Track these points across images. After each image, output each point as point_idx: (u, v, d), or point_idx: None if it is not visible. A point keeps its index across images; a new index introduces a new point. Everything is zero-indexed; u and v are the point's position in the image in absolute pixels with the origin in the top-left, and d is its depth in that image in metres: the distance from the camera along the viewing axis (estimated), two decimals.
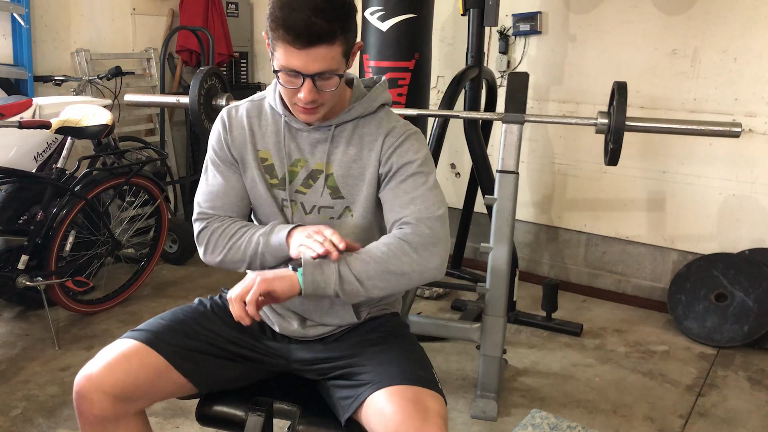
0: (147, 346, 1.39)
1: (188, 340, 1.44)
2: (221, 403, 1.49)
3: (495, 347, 2.42)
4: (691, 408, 2.54)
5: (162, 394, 1.43)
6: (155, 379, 1.38)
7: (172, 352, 1.41)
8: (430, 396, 1.31)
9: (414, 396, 1.28)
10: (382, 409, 1.27)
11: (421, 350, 1.49)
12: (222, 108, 2.31)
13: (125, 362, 1.36)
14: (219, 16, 4.29)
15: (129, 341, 1.40)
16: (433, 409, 1.28)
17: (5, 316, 3.12)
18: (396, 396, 1.28)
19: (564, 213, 3.70)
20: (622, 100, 2.12)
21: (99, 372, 1.34)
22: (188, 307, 1.54)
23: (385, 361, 1.39)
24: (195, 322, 1.49)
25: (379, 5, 2.83)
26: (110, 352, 1.38)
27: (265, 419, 1.42)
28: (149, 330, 1.43)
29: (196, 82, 2.34)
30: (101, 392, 1.33)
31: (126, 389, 1.34)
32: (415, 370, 1.36)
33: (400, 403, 1.26)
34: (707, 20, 3.14)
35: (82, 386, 1.34)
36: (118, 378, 1.34)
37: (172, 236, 3.82)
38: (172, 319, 1.49)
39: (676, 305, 3.22)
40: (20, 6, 3.40)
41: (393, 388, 1.30)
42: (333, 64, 1.31)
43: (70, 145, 3.00)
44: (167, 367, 1.39)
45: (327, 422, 1.43)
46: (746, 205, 3.18)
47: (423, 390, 1.31)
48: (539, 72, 3.62)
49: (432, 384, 1.35)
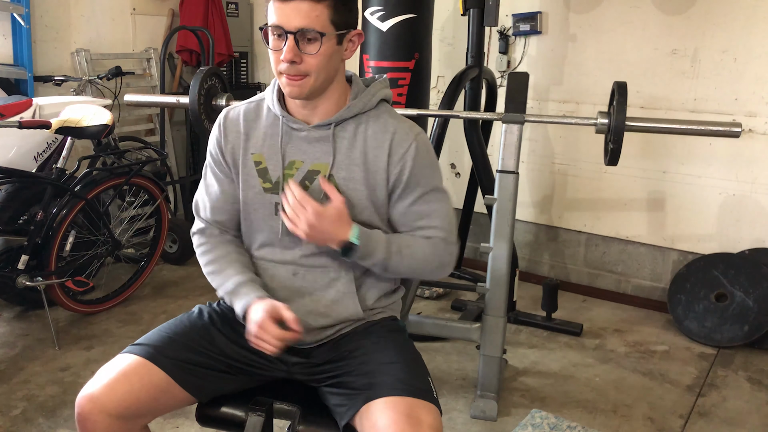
0: (148, 361, 1.37)
1: (189, 353, 1.43)
2: (221, 404, 1.48)
3: (495, 347, 2.42)
4: (691, 408, 2.54)
5: (163, 409, 1.42)
6: (157, 395, 1.37)
7: (172, 366, 1.39)
8: (424, 408, 1.29)
9: (407, 408, 1.27)
10: (376, 422, 1.27)
11: (418, 357, 1.47)
12: (222, 108, 2.33)
13: (126, 381, 1.34)
14: (219, 16, 4.29)
15: (130, 357, 1.39)
16: (427, 422, 1.26)
17: (5, 316, 3.12)
18: (389, 408, 1.27)
19: (564, 213, 3.70)
20: (622, 100, 2.12)
21: (100, 392, 1.32)
22: (187, 318, 1.52)
23: (381, 370, 1.37)
24: (196, 333, 1.47)
25: (379, 5, 2.83)
26: (111, 370, 1.36)
27: (265, 419, 1.42)
28: (150, 345, 1.41)
29: (196, 82, 2.34)
30: (104, 413, 1.31)
31: (129, 408, 1.33)
32: (410, 380, 1.34)
33: (393, 416, 1.25)
34: (707, 20, 3.14)
35: (83, 407, 1.32)
36: (120, 398, 1.32)
37: (172, 236, 3.82)
38: (173, 331, 1.46)
39: (676, 305, 3.22)
40: (20, 6, 3.40)
41: (387, 399, 1.29)
42: (317, 23, 1.30)
43: (70, 145, 3.00)
44: (168, 382, 1.38)
45: (327, 423, 1.43)
46: (746, 205, 3.18)
47: (417, 402, 1.29)
48: (539, 72, 3.62)
49: (427, 394, 1.33)
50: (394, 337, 1.49)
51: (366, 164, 1.43)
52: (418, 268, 1.47)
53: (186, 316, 1.54)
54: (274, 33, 1.33)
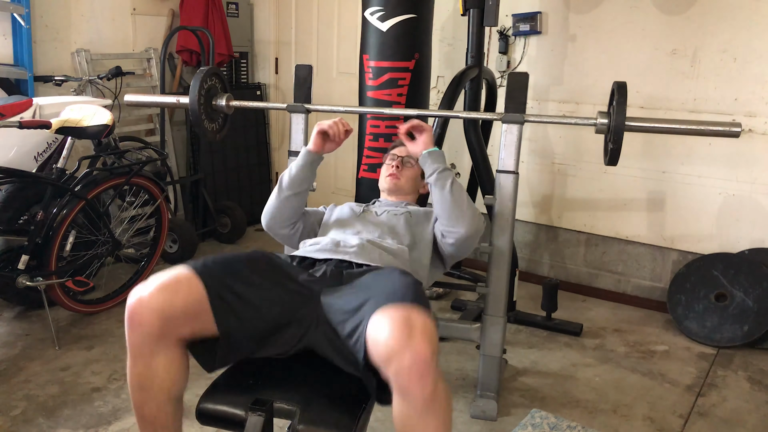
0: (196, 276, 1.53)
1: (232, 281, 1.58)
2: (221, 403, 1.49)
3: (495, 347, 2.42)
4: (691, 408, 2.55)
5: (194, 327, 1.53)
6: (195, 309, 1.50)
7: (213, 287, 1.53)
8: (417, 314, 1.39)
9: (400, 315, 1.38)
10: (376, 333, 1.38)
11: (418, 284, 1.64)
12: (222, 108, 2.41)
13: (175, 285, 1.50)
14: (219, 16, 4.29)
15: (183, 268, 1.55)
16: (418, 325, 1.36)
17: (5, 316, 3.12)
18: (385, 317, 1.38)
19: (564, 213, 3.71)
20: (622, 100, 2.12)
21: (150, 293, 1.48)
22: (245, 252, 1.72)
23: (384, 289, 1.53)
24: (247, 260, 1.66)
25: (379, 5, 2.83)
26: (164, 275, 1.52)
27: (265, 419, 1.42)
28: (203, 263, 1.58)
29: (197, 82, 2.34)
30: (150, 309, 1.46)
31: (173, 309, 1.47)
32: (402, 293, 1.50)
33: (390, 323, 1.36)
34: (707, 20, 3.14)
35: (133, 305, 1.47)
36: (166, 298, 1.47)
37: (172, 236, 3.83)
38: (228, 258, 1.65)
39: (676, 305, 3.22)
40: (20, 6, 3.40)
41: (382, 310, 1.41)
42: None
43: (70, 145, 3.00)
44: (205, 299, 1.51)
45: (327, 422, 1.43)
46: (746, 205, 3.18)
47: (408, 307, 1.41)
48: (539, 72, 3.62)
49: (416, 302, 1.45)
50: (405, 274, 1.68)
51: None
52: (461, 199, 1.99)
53: (243, 252, 1.74)
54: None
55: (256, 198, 4.69)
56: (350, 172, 4.42)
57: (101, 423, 2.30)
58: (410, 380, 1.32)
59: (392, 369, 1.33)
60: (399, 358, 1.32)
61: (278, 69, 4.81)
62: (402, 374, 1.33)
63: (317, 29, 4.52)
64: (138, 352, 1.50)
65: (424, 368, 1.32)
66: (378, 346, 1.36)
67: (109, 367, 2.67)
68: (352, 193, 3.68)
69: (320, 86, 4.35)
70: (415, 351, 1.31)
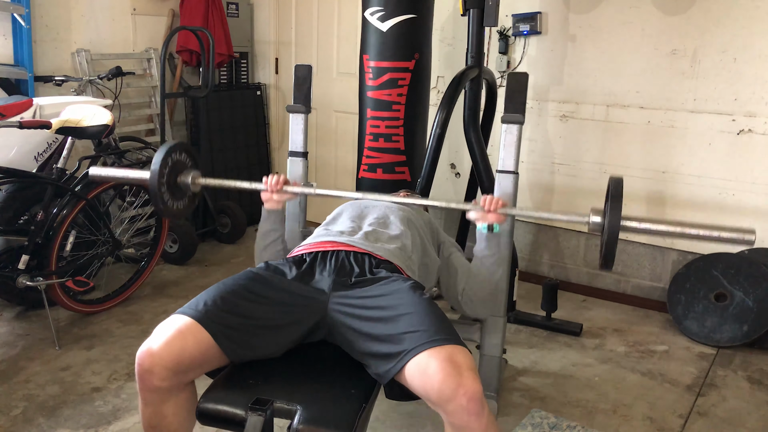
0: (199, 324, 1.55)
1: (232, 317, 1.60)
2: (222, 403, 1.49)
3: (495, 347, 2.42)
4: (691, 408, 2.55)
5: (206, 368, 1.59)
6: (204, 354, 1.54)
7: (218, 330, 1.56)
8: (459, 352, 1.48)
9: (447, 355, 1.45)
10: (426, 371, 1.44)
11: (438, 308, 1.68)
12: (188, 187, 2.09)
13: (181, 339, 1.52)
14: (219, 16, 4.29)
15: (183, 318, 1.56)
16: (465, 364, 1.45)
17: (5, 316, 3.12)
18: (433, 358, 1.45)
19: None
20: (617, 201, 1.85)
21: (159, 348, 1.49)
22: (236, 279, 1.71)
23: (418, 321, 1.56)
24: (244, 289, 1.67)
25: (379, 5, 2.83)
26: (168, 329, 1.53)
27: (265, 419, 1.42)
28: (200, 308, 1.59)
29: (159, 156, 1.96)
30: (161, 366, 1.48)
31: (182, 363, 1.50)
32: (441, 330, 1.53)
33: (438, 364, 1.43)
34: (707, 20, 3.14)
35: (144, 360, 1.49)
36: (175, 353, 1.50)
37: (173, 236, 3.83)
38: (223, 292, 1.65)
39: (676, 305, 3.22)
40: (20, 6, 3.40)
41: (429, 351, 1.47)
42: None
43: (70, 145, 3.00)
44: (213, 344, 1.55)
45: (327, 422, 1.43)
46: (746, 205, 3.18)
47: (453, 348, 1.48)
48: (539, 72, 3.62)
49: (457, 339, 1.53)
50: (420, 292, 1.71)
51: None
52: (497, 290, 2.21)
53: (235, 276, 1.74)
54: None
55: (256, 198, 4.63)
56: (350, 172, 4.42)
57: (101, 423, 2.31)
58: (469, 418, 1.42)
59: (448, 409, 1.43)
60: (454, 400, 1.41)
61: (278, 69, 4.81)
62: (460, 414, 1.42)
63: (317, 29, 4.52)
64: (148, 400, 1.55)
65: (480, 405, 1.42)
66: (431, 390, 1.44)
67: (109, 367, 2.67)
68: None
69: (320, 86, 4.35)
70: (467, 391, 1.41)
